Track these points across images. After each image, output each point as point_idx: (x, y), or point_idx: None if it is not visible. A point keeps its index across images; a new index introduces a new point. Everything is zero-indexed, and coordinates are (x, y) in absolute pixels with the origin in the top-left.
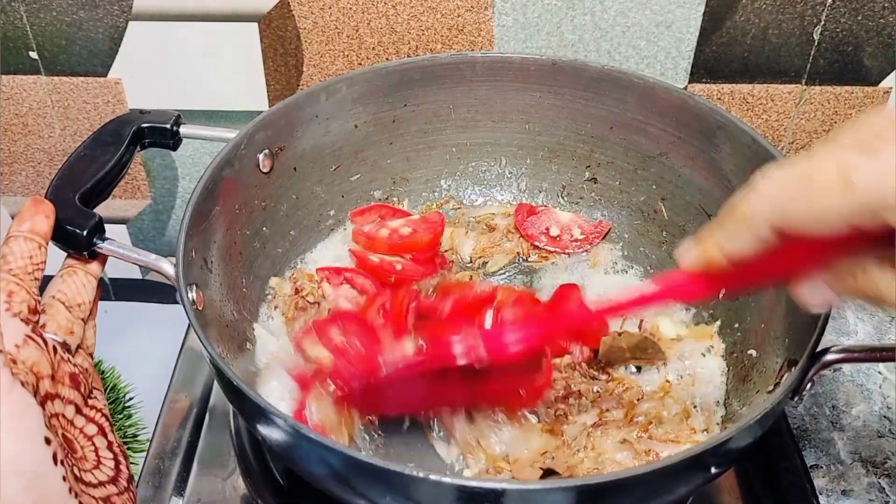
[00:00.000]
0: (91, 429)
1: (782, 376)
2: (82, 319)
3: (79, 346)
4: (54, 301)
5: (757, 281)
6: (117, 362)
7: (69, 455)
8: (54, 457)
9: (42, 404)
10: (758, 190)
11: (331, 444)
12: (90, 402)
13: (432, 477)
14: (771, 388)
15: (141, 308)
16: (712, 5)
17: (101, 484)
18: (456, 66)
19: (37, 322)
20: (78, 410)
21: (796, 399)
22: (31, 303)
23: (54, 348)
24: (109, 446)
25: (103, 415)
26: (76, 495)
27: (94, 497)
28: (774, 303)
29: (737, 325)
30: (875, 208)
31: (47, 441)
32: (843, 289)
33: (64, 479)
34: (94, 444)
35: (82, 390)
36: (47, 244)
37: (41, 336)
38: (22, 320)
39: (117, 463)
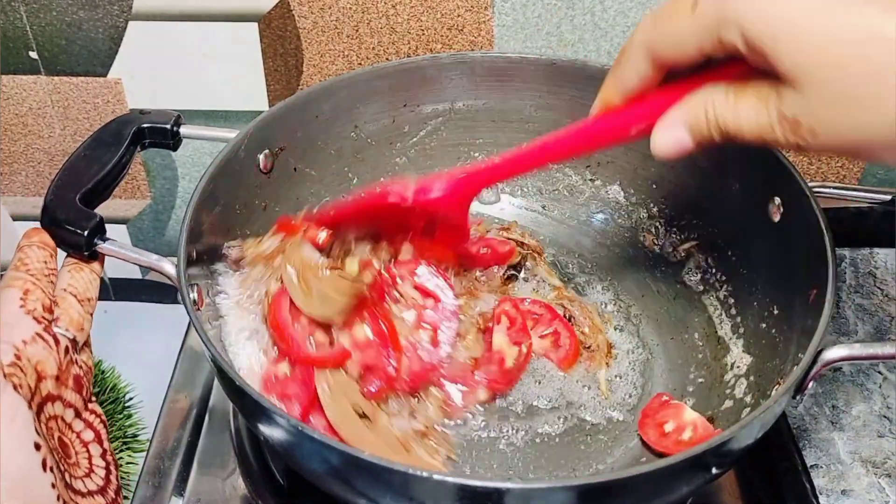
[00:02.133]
0: (88, 434)
1: (784, 375)
2: (90, 315)
3: (84, 343)
4: (66, 294)
5: (639, 120)
6: (117, 362)
7: (62, 460)
8: (43, 463)
9: (41, 406)
10: (637, 25)
11: (333, 443)
12: (90, 406)
13: (436, 476)
14: (773, 388)
15: (141, 308)
16: None
17: (91, 493)
18: (456, 65)
19: (50, 322)
20: (77, 414)
21: (797, 398)
22: (46, 302)
23: (66, 348)
24: (103, 454)
25: (101, 420)
26: (64, 503)
27: None
28: (776, 304)
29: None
30: (715, 26)
31: (37, 447)
32: (699, 124)
33: (53, 486)
34: (88, 450)
35: (84, 394)
36: (56, 255)
37: (53, 335)
38: (35, 318)
39: (108, 473)
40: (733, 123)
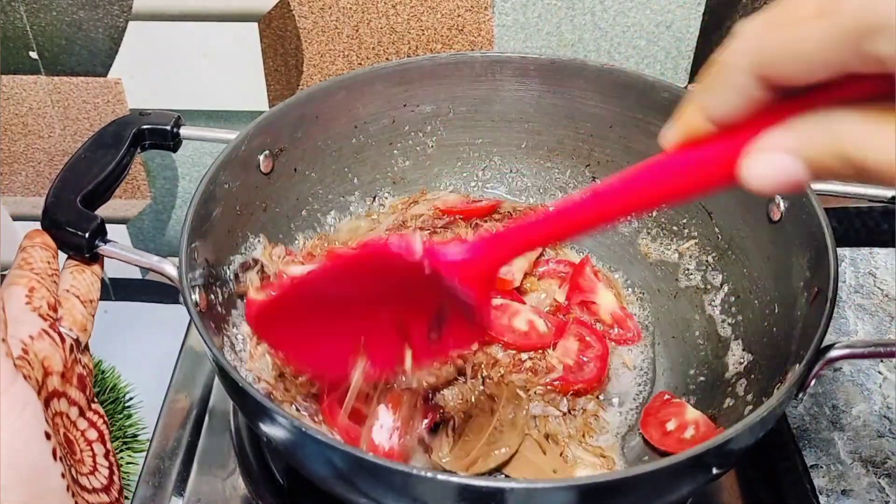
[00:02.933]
0: (92, 433)
1: (786, 374)
2: (92, 316)
3: (84, 346)
4: (69, 295)
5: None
6: (117, 362)
7: (68, 455)
8: (53, 452)
9: (47, 401)
10: (736, 35)
11: (335, 444)
12: (93, 406)
13: (439, 476)
14: (774, 386)
15: (141, 308)
16: (712, 5)
17: (96, 491)
18: (455, 65)
19: (56, 319)
20: (81, 413)
21: (799, 396)
22: (51, 300)
23: (71, 347)
24: (107, 455)
25: (104, 421)
26: (73, 495)
27: (88, 502)
28: (776, 302)
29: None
30: (860, 33)
31: (47, 436)
32: (821, 155)
33: (63, 476)
34: (92, 449)
35: (87, 393)
36: (58, 256)
37: (59, 332)
38: (40, 315)
39: (111, 473)
40: (873, 158)
